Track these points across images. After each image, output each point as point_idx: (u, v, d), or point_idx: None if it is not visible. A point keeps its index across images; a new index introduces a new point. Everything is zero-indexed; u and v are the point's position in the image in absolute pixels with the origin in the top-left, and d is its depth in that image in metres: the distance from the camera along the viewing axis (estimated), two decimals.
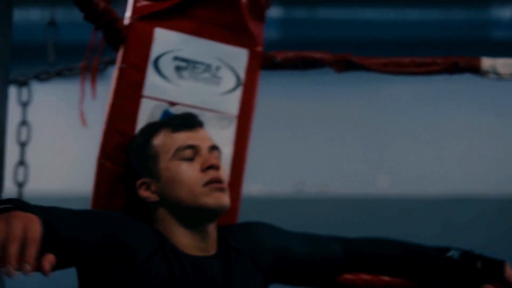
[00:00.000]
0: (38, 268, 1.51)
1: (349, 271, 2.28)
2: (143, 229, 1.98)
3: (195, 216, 2.01)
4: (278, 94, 5.68)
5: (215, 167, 2.03)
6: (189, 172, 2.02)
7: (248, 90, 2.39)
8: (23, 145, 3.50)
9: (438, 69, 2.45)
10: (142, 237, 1.95)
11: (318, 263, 2.22)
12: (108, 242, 1.88)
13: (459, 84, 5.46)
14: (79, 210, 1.93)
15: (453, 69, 2.44)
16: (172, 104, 2.28)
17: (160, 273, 1.93)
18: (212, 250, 2.05)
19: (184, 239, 2.02)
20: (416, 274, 2.25)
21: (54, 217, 1.78)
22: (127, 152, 2.18)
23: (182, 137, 2.06)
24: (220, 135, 2.31)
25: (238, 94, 2.37)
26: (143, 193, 2.07)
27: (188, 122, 2.10)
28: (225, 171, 2.11)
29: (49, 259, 1.51)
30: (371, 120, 5.97)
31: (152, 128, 2.13)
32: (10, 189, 3.23)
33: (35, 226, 1.52)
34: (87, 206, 2.14)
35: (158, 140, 2.08)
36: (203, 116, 2.27)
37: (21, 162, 3.48)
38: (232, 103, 2.36)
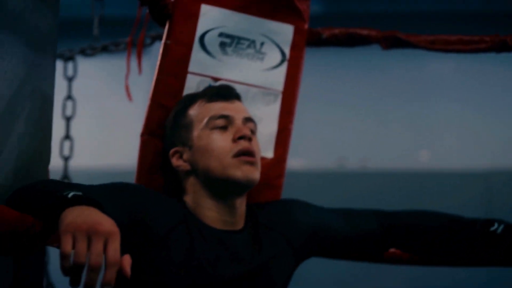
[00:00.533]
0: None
1: (388, 244, 2.22)
2: (166, 203, 1.97)
3: (223, 187, 1.99)
4: (321, 69, 5.66)
5: (247, 137, 2.00)
6: (220, 142, 2.00)
7: (293, 66, 2.38)
8: (68, 119, 3.52)
9: (485, 47, 2.41)
10: (162, 213, 1.94)
11: (354, 239, 2.19)
12: (128, 221, 1.87)
13: (505, 62, 5.42)
14: (105, 185, 1.91)
15: (501, 47, 2.40)
16: (216, 79, 2.28)
17: (182, 246, 1.93)
18: (239, 225, 2.04)
19: (211, 212, 2.00)
20: (457, 247, 2.17)
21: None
22: (165, 126, 2.18)
23: (217, 107, 2.05)
24: (265, 110, 2.31)
25: (283, 70, 2.36)
26: (176, 161, 2.07)
27: (224, 92, 2.10)
28: (258, 145, 2.08)
29: (127, 261, 1.46)
30: (412, 95, 5.93)
31: (189, 99, 2.13)
32: (56, 163, 3.27)
33: (115, 244, 1.44)
34: (131, 180, 2.15)
35: (194, 110, 2.08)
36: (248, 92, 2.29)
37: (67, 136, 3.51)
38: (277, 79, 2.35)
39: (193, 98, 2.12)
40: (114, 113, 5.80)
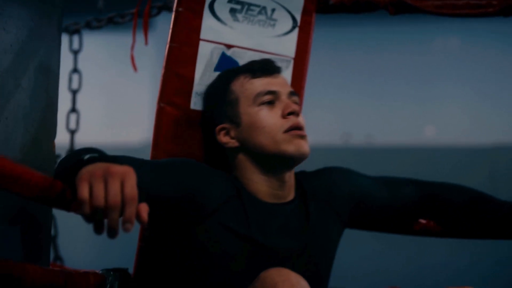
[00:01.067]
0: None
1: (421, 214, 2.24)
2: (217, 178, 1.98)
3: (275, 162, 2.00)
4: (326, 44, 5.64)
5: (296, 113, 2.01)
6: (270, 118, 2.00)
7: (304, 32, 2.37)
8: (74, 92, 3.51)
9: (493, 11, 2.37)
10: (213, 187, 1.95)
11: (395, 207, 2.19)
12: (178, 196, 1.89)
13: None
14: (153, 161, 1.95)
15: (509, 11, 2.37)
16: (229, 46, 2.26)
17: (236, 218, 1.95)
18: (289, 196, 2.05)
19: (262, 186, 2.01)
20: (483, 224, 2.19)
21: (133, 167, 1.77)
22: (204, 98, 2.17)
23: (262, 83, 2.04)
24: None
25: (294, 36, 2.35)
26: (223, 138, 2.06)
27: (267, 67, 2.08)
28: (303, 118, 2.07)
29: (145, 209, 1.46)
30: (418, 71, 5.91)
31: (231, 74, 2.11)
32: (62, 137, 3.25)
33: (131, 181, 1.45)
34: (144, 154, 2.14)
35: (237, 85, 2.06)
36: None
37: (73, 109, 3.50)
38: (289, 45, 2.34)
39: (235, 73, 2.10)
40: (121, 86, 5.78)
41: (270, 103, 2.02)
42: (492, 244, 2.51)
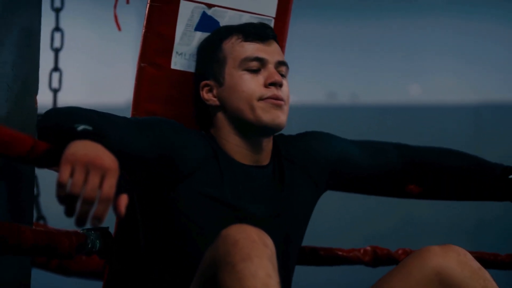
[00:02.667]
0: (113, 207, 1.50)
1: (408, 179, 2.25)
2: (195, 138, 1.99)
3: (250, 129, 2.01)
4: (309, 4, 5.62)
5: (278, 84, 2.00)
6: (250, 84, 2.00)
7: None
8: (56, 51, 3.49)
9: None
10: (190, 148, 1.96)
11: (376, 172, 2.20)
12: (157, 155, 1.90)
13: None
14: (133, 119, 1.94)
15: None
16: (210, 6, 2.25)
17: (212, 180, 1.96)
18: (265, 161, 2.06)
19: (238, 148, 2.03)
20: (474, 188, 2.23)
21: (110, 129, 1.76)
22: (197, 50, 2.17)
23: (252, 48, 2.03)
24: None
25: None
26: (205, 95, 2.07)
27: (262, 33, 2.06)
28: (288, 88, 2.05)
29: (123, 201, 1.50)
30: (403, 29, 5.90)
31: (224, 32, 2.10)
32: (45, 96, 3.24)
33: (112, 180, 1.48)
34: (126, 114, 2.15)
35: (228, 45, 2.06)
36: (241, 18, 2.27)
37: (56, 69, 3.49)
38: (270, 5, 2.32)
39: (229, 32, 2.09)
40: (104, 46, 5.76)
41: (256, 70, 2.02)
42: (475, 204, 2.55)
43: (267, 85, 1.99)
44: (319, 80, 5.83)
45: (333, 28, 5.87)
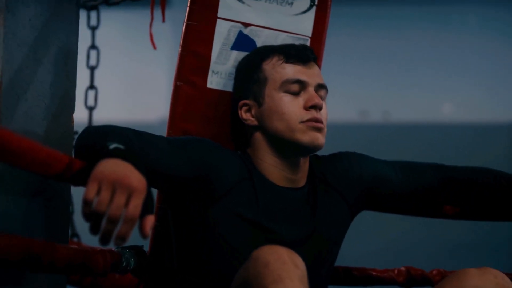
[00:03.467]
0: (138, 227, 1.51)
1: (445, 200, 2.22)
2: (231, 158, 2.00)
3: (288, 149, 2.01)
4: (343, 21, 5.61)
5: (319, 107, 2.00)
6: (291, 107, 2.00)
7: (322, 11, 2.35)
8: (92, 69, 3.51)
9: None
10: (227, 169, 1.96)
11: (412, 193, 2.18)
12: (193, 175, 1.90)
13: None
14: (170, 138, 1.95)
15: None
16: (246, 25, 2.26)
17: (247, 201, 1.96)
18: (301, 182, 2.06)
19: (274, 169, 2.03)
20: (509, 207, 2.20)
21: (146, 147, 1.78)
22: (237, 69, 2.18)
23: (293, 70, 2.04)
24: None
25: (311, 15, 2.34)
26: (243, 114, 2.07)
27: (303, 55, 2.07)
28: (326, 111, 2.06)
29: (150, 222, 1.50)
30: (435, 47, 5.88)
31: (265, 51, 2.11)
32: (80, 113, 3.26)
33: (138, 200, 1.48)
34: (161, 133, 2.15)
35: (269, 65, 2.06)
36: (278, 38, 2.28)
37: (91, 86, 3.51)
38: (306, 24, 2.33)
39: (270, 52, 2.10)
40: (138, 64, 5.79)
41: (296, 93, 2.02)
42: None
43: (307, 108, 1.99)
44: (351, 98, 5.81)
45: (364, 44, 5.86)
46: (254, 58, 2.12)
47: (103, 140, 1.62)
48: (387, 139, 5.55)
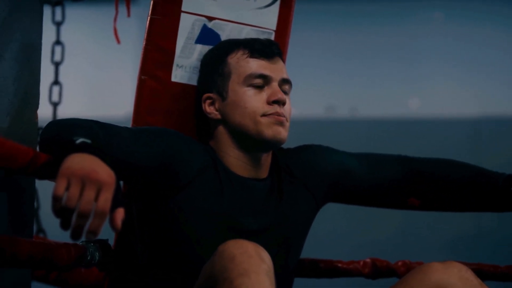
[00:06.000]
0: (109, 221, 1.50)
1: (410, 192, 2.25)
2: (195, 148, 2.00)
3: (251, 143, 2.02)
4: (309, 17, 5.63)
5: (281, 102, 2.01)
6: (254, 101, 2.01)
7: (286, 5, 2.36)
8: (57, 64, 3.50)
9: None
10: (190, 158, 1.96)
11: (377, 185, 2.20)
12: (159, 164, 1.90)
13: (494, 10, 5.39)
14: (134, 129, 1.95)
15: None
16: (210, 19, 2.26)
17: (211, 190, 1.97)
18: (263, 174, 2.07)
19: (236, 161, 2.03)
20: (476, 200, 2.23)
21: (111, 139, 1.78)
22: (201, 62, 2.18)
23: (257, 64, 2.04)
24: None
25: (276, 8, 2.34)
26: (207, 108, 2.07)
27: (268, 49, 2.07)
28: (290, 106, 2.06)
29: (120, 215, 1.50)
30: (402, 43, 5.91)
31: (230, 45, 2.11)
32: (45, 109, 3.24)
33: (107, 194, 1.48)
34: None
35: (233, 59, 2.06)
36: (242, 31, 2.28)
37: (56, 82, 3.49)
38: (270, 18, 2.33)
39: (234, 46, 2.09)
40: (104, 59, 5.76)
41: (259, 87, 2.02)
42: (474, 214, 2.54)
43: (270, 102, 2.00)
44: (318, 93, 5.83)
45: (331, 39, 5.87)
46: (218, 52, 2.12)
47: (69, 134, 1.62)
48: (354, 134, 5.57)
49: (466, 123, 5.71)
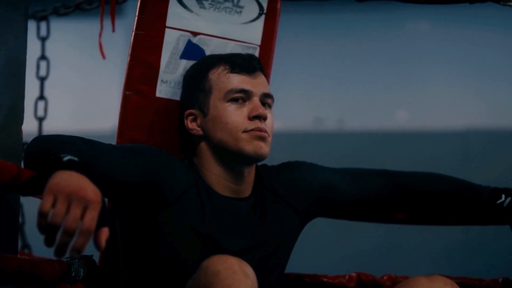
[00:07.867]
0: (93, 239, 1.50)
1: (396, 206, 2.25)
2: (179, 166, 1.99)
3: (232, 159, 2.01)
4: (296, 29, 5.63)
5: (262, 117, 2.00)
6: (234, 117, 2.00)
7: (270, 19, 2.36)
8: (42, 79, 3.50)
9: None
10: (175, 176, 1.96)
11: (362, 200, 2.20)
12: (142, 181, 1.90)
13: (481, 21, 5.41)
14: (119, 146, 1.95)
15: None
16: (195, 34, 2.27)
17: (193, 210, 1.96)
18: (246, 192, 2.06)
19: (218, 178, 2.02)
20: (461, 213, 2.23)
21: (96, 156, 1.78)
22: (184, 78, 2.17)
23: (238, 79, 2.03)
24: None
25: (260, 23, 2.35)
26: (189, 124, 2.07)
27: (248, 64, 2.06)
28: (272, 120, 2.05)
29: (104, 235, 1.50)
30: (389, 55, 5.92)
31: (211, 61, 2.10)
32: (30, 124, 3.24)
33: (93, 213, 1.47)
34: (112, 142, 2.15)
35: (215, 75, 2.06)
36: (226, 46, 2.28)
37: (41, 97, 3.49)
38: (255, 33, 2.34)
39: (216, 61, 2.09)
40: (89, 74, 5.76)
41: (240, 102, 2.01)
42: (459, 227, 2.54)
43: (251, 118, 1.99)
44: (305, 106, 5.83)
45: (320, 54, 5.89)
46: (200, 67, 2.11)
47: (56, 151, 1.62)
48: (342, 147, 5.57)
49: (454, 136, 5.72)
